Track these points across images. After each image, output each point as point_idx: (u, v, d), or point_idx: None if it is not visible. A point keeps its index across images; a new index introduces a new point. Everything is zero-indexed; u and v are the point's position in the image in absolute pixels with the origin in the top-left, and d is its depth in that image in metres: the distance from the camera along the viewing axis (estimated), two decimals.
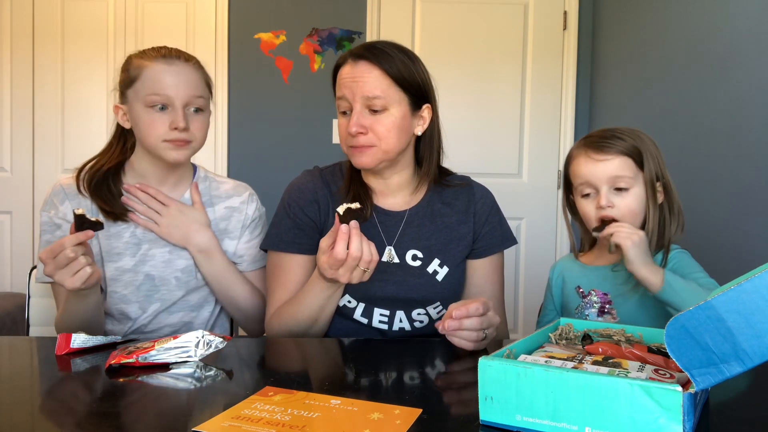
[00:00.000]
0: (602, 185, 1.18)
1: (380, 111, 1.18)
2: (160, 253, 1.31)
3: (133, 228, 1.30)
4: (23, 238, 3.15)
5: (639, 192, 1.18)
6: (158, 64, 1.23)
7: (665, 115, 2.32)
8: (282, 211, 1.28)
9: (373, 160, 1.20)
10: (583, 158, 1.21)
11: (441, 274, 1.25)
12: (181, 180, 1.36)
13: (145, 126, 1.24)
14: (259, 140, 3.18)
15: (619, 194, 1.18)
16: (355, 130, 1.17)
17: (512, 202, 2.95)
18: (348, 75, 1.19)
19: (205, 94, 1.28)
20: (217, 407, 0.76)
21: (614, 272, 1.23)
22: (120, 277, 1.29)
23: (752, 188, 1.78)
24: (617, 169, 1.17)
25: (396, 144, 1.20)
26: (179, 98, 1.23)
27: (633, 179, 1.18)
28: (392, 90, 1.18)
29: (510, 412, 0.69)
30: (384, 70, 1.18)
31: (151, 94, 1.22)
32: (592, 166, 1.19)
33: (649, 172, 1.18)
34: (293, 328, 1.18)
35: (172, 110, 1.23)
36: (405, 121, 1.21)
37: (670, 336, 0.63)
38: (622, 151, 1.18)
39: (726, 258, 1.84)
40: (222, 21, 3.13)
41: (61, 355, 0.98)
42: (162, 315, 1.32)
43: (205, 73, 1.32)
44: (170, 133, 1.23)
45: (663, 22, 2.39)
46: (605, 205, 1.18)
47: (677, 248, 1.22)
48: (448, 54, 3.11)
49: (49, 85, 3.12)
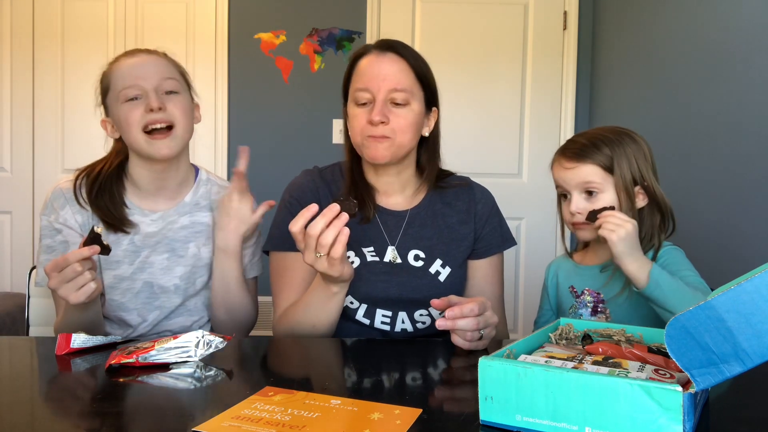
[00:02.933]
0: (573, 191, 1.22)
1: (402, 105, 1.19)
2: (159, 260, 1.29)
3: (132, 235, 1.28)
4: (23, 238, 3.15)
5: (609, 197, 1.20)
6: (123, 60, 1.26)
7: (665, 114, 2.32)
8: (284, 210, 1.28)
9: (387, 153, 1.20)
10: (557, 164, 1.26)
11: (443, 275, 1.25)
12: (180, 186, 1.34)
13: (124, 121, 1.23)
14: (259, 140, 3.17)
15: (590, 198, 1.21)
16: (378, 119, 1.17)
17: (512, 203, 2.94)
18: (373, 66, 1.19)
19: (175, 76, 1.28)
20: (217, 407, 0.76)
21: (603, 273, 1.24)
22: (118, 284, 1.28)
23: (752, 188, 1.78)
24: (585, 176, 1.20)
25: (410, 140, 1.21)
26: (148, 83, 1.22)
27: (602, 184, 1.20)
28: (415, 86, 1.20)
29: (510, 412, 0.69)
30: (410, 65, 1.20)
31: (122, 89, 1.23)
32: (563, 173, 1.24)
33: (621, 177, 1.19)
34: (295, 331, 1.18)
35: (144, 97, 1.23)
36: (420, 118, 1.23)
37: (670, 336, 0.63)
38: (589, 160, 1.20)
39: (726, 258, 1.84)
40: (222, 21, 3.13)
41: (61, 355, 0.98)
42: (163, 323, 1.31)
43: (175, 62, 1.32)
44: (146, 116, 1.21)
45: (663, 22, 2.39)
46: (574, 211, 1.21)
47: (669, 245, 1.23)
48: (448, 54, 3.11)
49: (49, 85, 3.12)
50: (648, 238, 1.21)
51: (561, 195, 1.28)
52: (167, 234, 1.30)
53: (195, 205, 1.34)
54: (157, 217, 1.31)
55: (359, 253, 1.24)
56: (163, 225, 1.31)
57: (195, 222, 1.33)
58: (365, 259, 1.24)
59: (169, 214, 1.32)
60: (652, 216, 1.22)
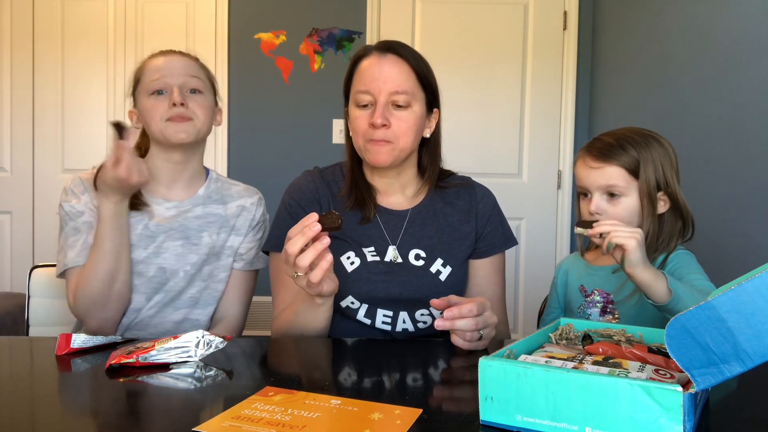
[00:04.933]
0: (594, 191, 1.21)
1: (403, 107, 1.19)
2: (174, 246, 1.33)
3: (147, 220, 1.32)
4: (23, 238, 3.15)
5: (631, 202, 1.19)
6: (157, 58, 1.35)
7: (665, 114, 2.32)
8: (284, 212, 1.28)
9: (389, 158, 1.20)
10: (581, 162, 1.24)
11: (444, 274, 1.25)
12: (193, 179, 1.40)
13: (148, 112, 1.30)
14: (259, 140, 3.18)
15: (611, 201, 1.20)
16: (380, 122, 1.17)
17: (512, 202, 2.94)
18: (374, 68, 1.19)
19: (201, 76, 1.36)
20: (217, 407, 0.76)
21: (615, 274, 1.23)
22: (132, 268, 1.30)
23: (752, 188, 1.78)
24: (610, 178, 1.19)
25: (411, 143, 1.22)
26: (174, 80, 1.30)
27: (626, 188, 1.18)
28: (417, 88, 1.20)
29: (510, 412, 0.69)
30: (411, 66, 1.20)
31: (149, 81, 1.31)
32: (587, 172, 1.21)
33: (645, 182, 1.18)
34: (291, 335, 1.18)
35: (169, 93, 1.30)
36: (421, 120, 1.23)
37: (671, 336, 0.63)
38: (617, 162, 1.18)
39: (726, 258, 1.84)
40: (222, 21, 3.13)
41: (61, 355, 0.98)
42: (166, 310, 1.33)
43: (205, 66, 1.41)
44: (169, 111, 1.28)
45: (663, 21, 2.39)
46: (593, 212, 1.20)
47: (680, 248, 1.22)
48: (448, 54, 3.11)
49: (49, 85, 3.12)
50: (665, 243, 1.20)
51: (581, 193, 1.25)
52: (182, 222, 1.35)
53: (208, 197, 1.40)
54: (171, 206, 1.36)
55: (359, 253, 1.24)
56: (178, 213, 1.36)
57: (208, 213, 1.38)
58: (366, 259, 1.23)
59: (184, 204, 1.37)
60: (672, 222, 1.21)
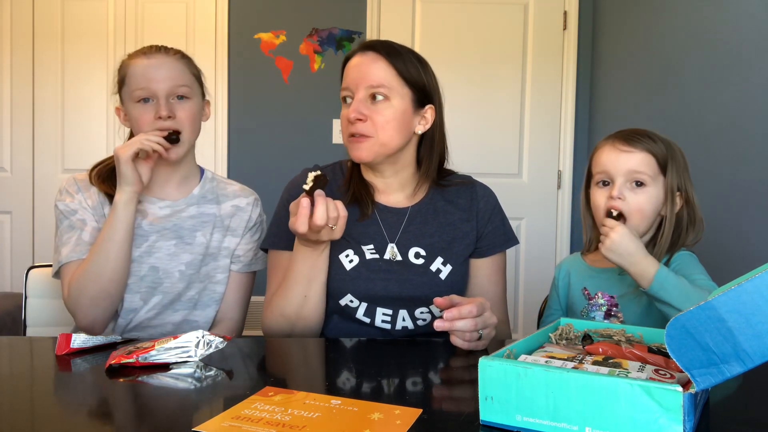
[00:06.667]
0: (619, 177, 1.17)
1: (382, 100, 1.19)
2: (166, 246, 1.33)
3: (139, 219, 1.32)
4: (23, 238, 3.15)
5: (655, 193, 1.17)
6: (140, 60, 1.30)
7: (665, 114, 2.32)
8: (283, 209, 1.28)
9: (369, 153, 1.20)
10: (608, 147, 1.21)
11: (444, 273, 1.25)
12: (186, 179, 1.39)
13: (136, 120, 1.29)
14: (259, 140, 3.18)
15: (634, 190, 1.17)
16: (353, 117, 1.18)
17: (512, 202, 2.92)
18: (354, 67, 1.22)
19: (188, 82, 1.31)
20: (217, 407, 0.76)
21: (620, 275, 1.22)
22: None
23: (752, 188, 1.78)
24: (638, 164, 1.16)
25: (394, 137, 1.21)
26: (161, 88, 1.27)
27: (652, 178, 1.17)
28: (395, 82, 1.20)
29: (510, 412, 0.69)
30: (390, 62, 1.20)
31: (135, 89, 1.28)
32: (615, 156, 1.18)
33: (671, 179, 1.17)
34: (285, 309, 1.18)
35: (156, 102, 1.28)
36: (405, 116, 1.22)
37: (671, 336, 0.63)
38: (648, 149, 1.17)
39: (726, 258, 1.84)
40: (222, 21, 3.13)
41: (61, 355, 0.98)
42: (166, 312, 1.33)
43: (191, 63, 1.36)
44: (155, 123, 1.27)
45: (663, 22, 2.39)
46: (616, 196, 1.16)
47: (683, 250, 1.21)
48: (448, 54, 3.11)
49: (49, 85, 3.12)
50: (672, 244, 1.20)
51: (600, 182, 1.21)
52: (175, 221, 1.35)
53: (202, 197, 1.39)
54: (165, 205, 1.36)
55: (358, 251, 1.24)
56: (171, 212, 1.35)
57: (202, 212, 1.38)
58: (365, 257, 1.23)
59: (178, 204, 1.37)
60: (685, 224, 1.21)
